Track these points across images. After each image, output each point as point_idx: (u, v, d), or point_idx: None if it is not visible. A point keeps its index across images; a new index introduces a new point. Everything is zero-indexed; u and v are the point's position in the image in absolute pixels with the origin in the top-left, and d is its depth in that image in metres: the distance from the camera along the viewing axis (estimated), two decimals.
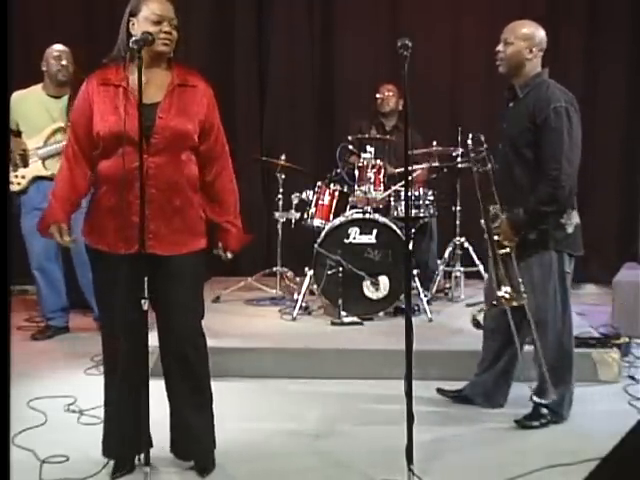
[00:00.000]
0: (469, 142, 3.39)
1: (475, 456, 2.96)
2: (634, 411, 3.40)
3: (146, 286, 2.45)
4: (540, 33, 3.23)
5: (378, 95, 5.57)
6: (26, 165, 4.54)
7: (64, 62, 4.54)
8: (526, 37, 3.21)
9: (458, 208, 5.33)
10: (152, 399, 2.51)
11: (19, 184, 4.54)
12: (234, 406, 2.94)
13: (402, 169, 4.88)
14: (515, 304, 3.11)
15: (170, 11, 2.61)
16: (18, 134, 4.58)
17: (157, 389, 2.70)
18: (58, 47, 4.59)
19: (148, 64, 2.60)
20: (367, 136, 5.23)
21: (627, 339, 4.16)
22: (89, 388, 3.65)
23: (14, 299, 5.30)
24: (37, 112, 4.53)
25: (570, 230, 3.19)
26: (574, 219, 3.21)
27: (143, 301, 2.45)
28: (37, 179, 4.53)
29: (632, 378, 3.85)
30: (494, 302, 3.17)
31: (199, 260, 2.72)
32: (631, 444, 1.76)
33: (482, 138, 3.32)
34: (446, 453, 2.96)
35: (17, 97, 4.58)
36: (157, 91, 2.61)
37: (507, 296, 3.12)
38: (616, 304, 4.71)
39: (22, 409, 3.35)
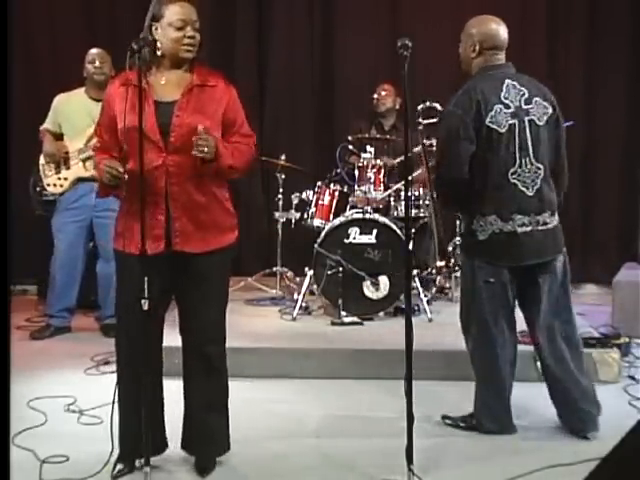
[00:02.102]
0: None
1: (475, 456, 2.95)
2: (634, 411, 3.40)
3: (146, 286, 2.45)
4: (484, 28, 3.13)
5: (374, 95, 5.57)
6: (68, 167, 4.59)
7: (97, 64, 4.62)
8: (468, 35, 3.15)
9: None
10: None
11: (62, 186, 4.62)
12: (234, 406, 2.94)
13: (402, 158, 4.90)
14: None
15: (193, 14, 2.62)
16: (60, 136, 4.64)
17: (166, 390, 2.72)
18: (93, 51, 4.69)
19: (170, 67, 2.64)
20: (367, 136, 5.23)
21: (627, 339, 4.16)
22: (89, 388, 3.66)
23: (14, 299, 5.30)
24: (79, 114, 4.57)
25: (482, 237, 3.04)
26: (490, 226, 3.02)
27: (143, 301, 2.46)
28: (78, 181, 4.57)
29: (632, 378, 3.85)
30: None
31: (226, 257, 2.75)
32: (631, 444, 1.75)
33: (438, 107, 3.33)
34: (446, 453, 2.96)
35: (61, 99, 4.67)
36: (175, 90, 2.63)
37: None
38: (616, 304, 4.70)
39: (22, 409, 3.35)
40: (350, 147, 5.19)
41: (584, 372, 3.16)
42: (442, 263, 5.20)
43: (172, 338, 2.85)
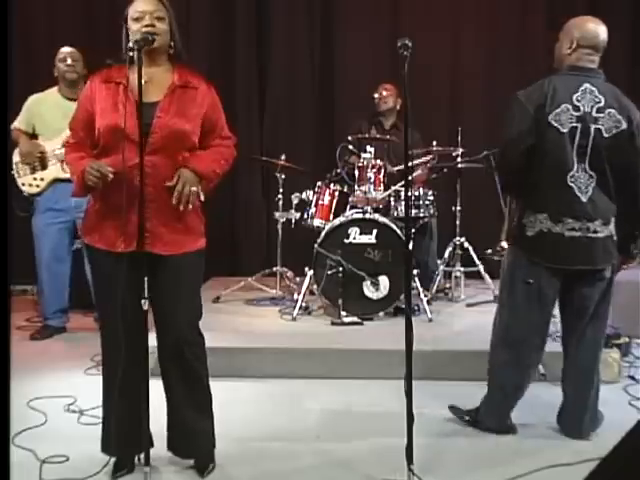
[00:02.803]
0: None
1: (475, 456, 2.95)
2: (634, 411, 3.41)
3: (146, 286, 2.45)
4: (584, 27, 3.04)
5: (375, 95, 5.58)
6: (45, 167, 4.55)
7: (69, 61, 4.60)
8: (567, 32, 3.08)
9: (458, 208, 5.33)
10: (151, 399, 2.51)
11: (38, 186, 4.57)
12: (234, 406, 2.95)
13: (402, 167, 4.90)
14: None
15: (152, 5, 2.61)
16: (34, 137, 4.60)
17: (156, 389, 2.70)
18: (64, 49, 4.65)
19: (148, 63, 2.61)
20: (367, 136, 5.23)
21: (627, 339, 4.16)
22: (89, 388, 3.65)
23: (14, 299, 5.30)
24: (54, 114, 4.54)
25: (530, 233, 3.03)
26: (539, 224, 3.01)
27: (143, 301, 2.46)
28: (55, 181, 4.54)
29: (632, 378, 3.85)
30: None
31: (197, 260, 2.71)
32: (631, 444, 1.76)
33: None
34: (446, 453, 2.96)
35: (34, 100, 4.63)
36: (157, 91, 2.62)
37: None
38: (616, 304, 4.69)
39: (22, 409, 3.35)
40: (350, 147, 5.18)
41: (595, 389, 3.16)
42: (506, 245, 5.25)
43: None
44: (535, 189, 3.02)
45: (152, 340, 2.63)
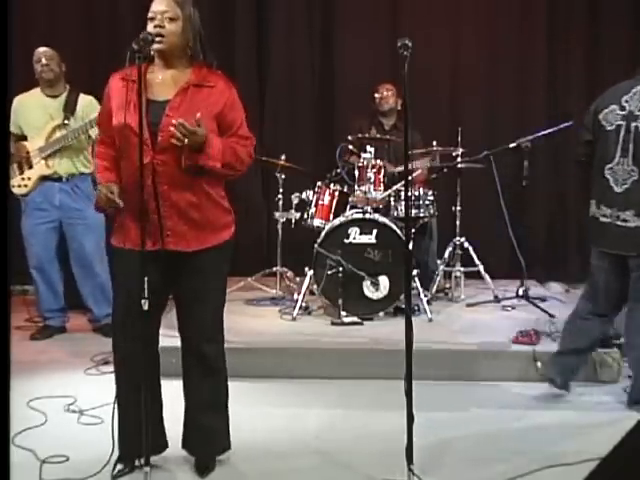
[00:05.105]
0: None
1: (475, 456, 2.95)
2: (634, 411, 3.40)
3: (146, 286, 2.45)
4: None
5: (377, 94, 5.57)
6: (31, 167, 4.55)
7: (43, 61, 4.58)
8: None
9: (458, 208, 5.33)
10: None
11: (26, 186, 4.57)
12: (234, 406, 2.94)
13: (402, 168, 4.90)
14: None
15: (163, 5, 2.58)
16: (24, 138, 4.60)
17: (166, 390, 2.72)
18: (39, 50, 4.63)
19: (163, 64, 2.63)
20: (367, 136, 5.23)
21: None
22: (89, 388, 3.66)
23: (14, 299, 5.30)
24: (37, 114, 4.56)
25: (589, 215, 3.50)
26: (591, 209, 3.49)
27: (143, 301, 2.45)
28: (41, 179, 4.55)
29: None
30: None
31: (222, 254, 2.71)
32: (631, 444, 1.76)
33: None
34: (446, 453, 2.96)
35: (18, 101, 4.62)
36: (171, 89, 2.61)
37: None
38: None
39: (22, 409, 3.35)
40: (350, 147, 5.18)
41: None
42: None
43: (169, 338, 2.84)
44: (592, 178, 3.48)
45: (163, 341, 2.64)
